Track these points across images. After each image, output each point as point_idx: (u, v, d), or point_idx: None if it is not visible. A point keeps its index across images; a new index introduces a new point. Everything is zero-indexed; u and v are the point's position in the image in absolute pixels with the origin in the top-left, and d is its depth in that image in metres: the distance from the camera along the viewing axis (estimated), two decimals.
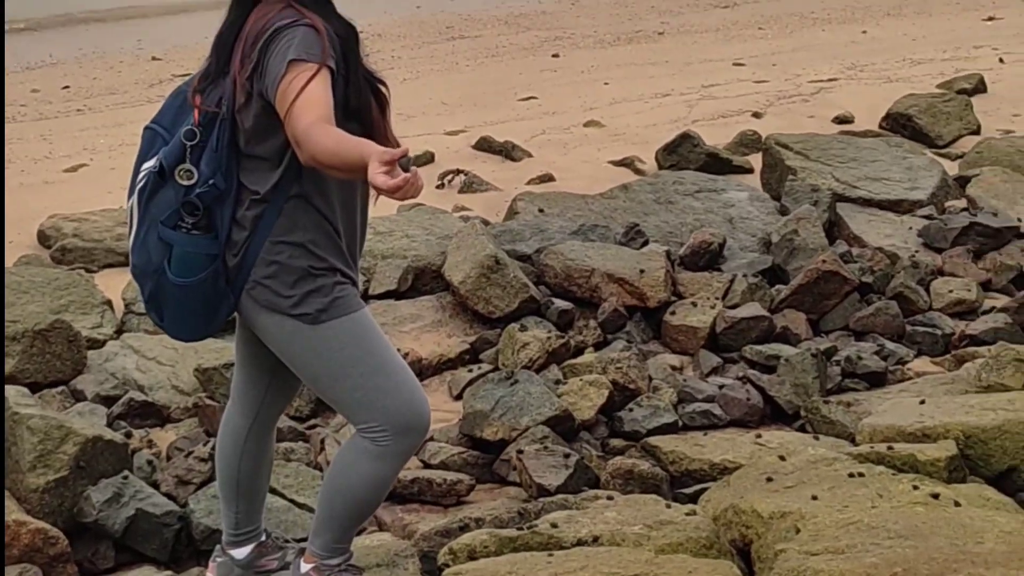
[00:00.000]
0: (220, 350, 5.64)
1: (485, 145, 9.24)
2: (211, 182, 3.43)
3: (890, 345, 6.03)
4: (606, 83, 11.78)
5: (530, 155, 9.09)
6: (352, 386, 3.50)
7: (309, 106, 3.26)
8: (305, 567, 3.68)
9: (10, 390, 4.81)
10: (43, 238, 7.21)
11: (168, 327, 3.61)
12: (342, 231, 3.54)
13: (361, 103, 3.49)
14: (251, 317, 3.54)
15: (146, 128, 3.59)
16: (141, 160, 3.54)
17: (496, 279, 6.13)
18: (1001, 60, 12.24)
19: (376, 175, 3.06)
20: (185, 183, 3.43)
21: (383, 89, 3.60)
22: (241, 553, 3.85)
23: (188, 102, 3.50)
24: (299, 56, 3.31)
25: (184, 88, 3.58)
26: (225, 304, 3.53)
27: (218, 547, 3.90)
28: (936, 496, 3.96)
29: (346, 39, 3.48)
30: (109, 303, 6.13)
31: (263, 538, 3.88)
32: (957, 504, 3.92)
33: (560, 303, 6.20)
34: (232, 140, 3.45)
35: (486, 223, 7.14)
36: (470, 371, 5.75)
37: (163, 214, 3.45)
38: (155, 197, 3.47)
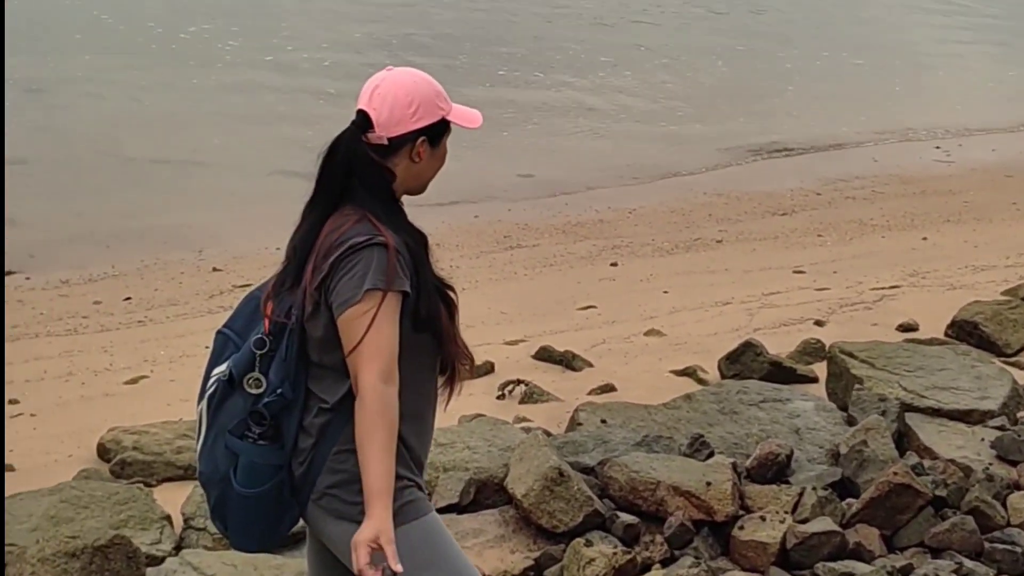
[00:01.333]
0: (279, 566, 5.54)
1: (545, 355, 9.21)
2: (279, 391, 3.42)
3: (968, 563, 5.82)
4: (665, 291, 11.79)
5: (591, 365, 9.04)
6: None
7: (376, 353, 3.35)
8: None
9: None
10: (103, 451, 7.18)
11: (232, 536, 3.57)
12: (412, 442, 3.52)
13: (431, 312, 3.52)
14: (320, 527, 3.49)
15: (218, 332, 3.61)
16: (213, 364, 3.54)
17: (560, 492, 6.02)
18: None
19: (362, 555, 3.23)
20: (254, 392, 3.43)
21: (452, 295, 3.61)
22: None
23: (260, 309, 3.51)
24: (375, 285, 3.37)
25: (257, 293, 3.59)
26: (289, 514, 3.49)
27: None
28: None
29: (416, 250, 3.52)
30: (168, 518, 6.06)
31: None
32: None
33: (626, 517, 6.07)
34: (301, 350, 3.45)
35: (548, 434, 7.06)
36: None
37: (231, 422, 3.43)
38: (224, 405, 3.46)
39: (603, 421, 7.40)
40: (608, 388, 8.52)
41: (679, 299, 11.43)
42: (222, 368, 3.48)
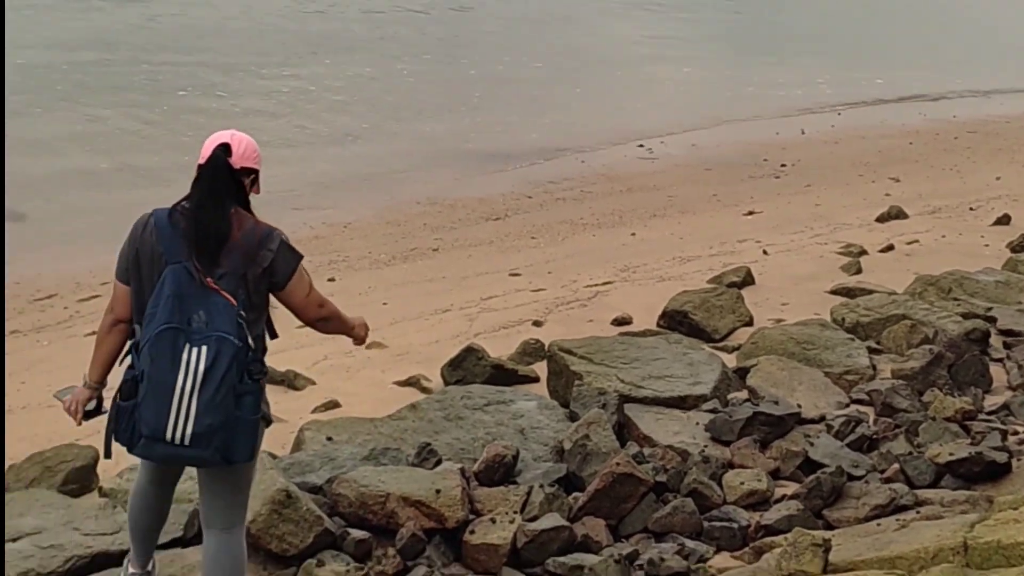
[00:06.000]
0: None
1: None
2: (256, 345, 4.73)
3: (690, 543, 6.00)
4: (385, 303, 11.77)
5: (313, 383, 8.93)
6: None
7: (317, 294, 5.02)
8: None
9: None
10: None
11: (237, 457, 4.68)
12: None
13: None
14: None
15: (167, 329, 4.55)
16: (172, 352, 4.53)
17: (288, 514, 5.90)
18: (765, 252, 12.73)
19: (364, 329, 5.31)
20: (246, 352, 4.63)
21: None
22: None
23: (198, 290, 4.62)
24: (299, 257, 4.90)
25: (177, 292, 4.61)
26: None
27: None
28: None
29: None
30: None
31: None
32: None
33: (356, 533, 6.00)
34: (248, 314, 4.71)
35: (273, 456, 6.92)
36: None
37: (238, 376, 4.59)
38: (232, 365, 4.56)
39: (329, 438, 7.30)
40: (333, 404, 8.42)
41: (399, 310, 11.43)
42: (197, 348, 4.53)
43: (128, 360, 4.77)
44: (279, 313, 5.01)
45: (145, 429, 4.58)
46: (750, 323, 9.89)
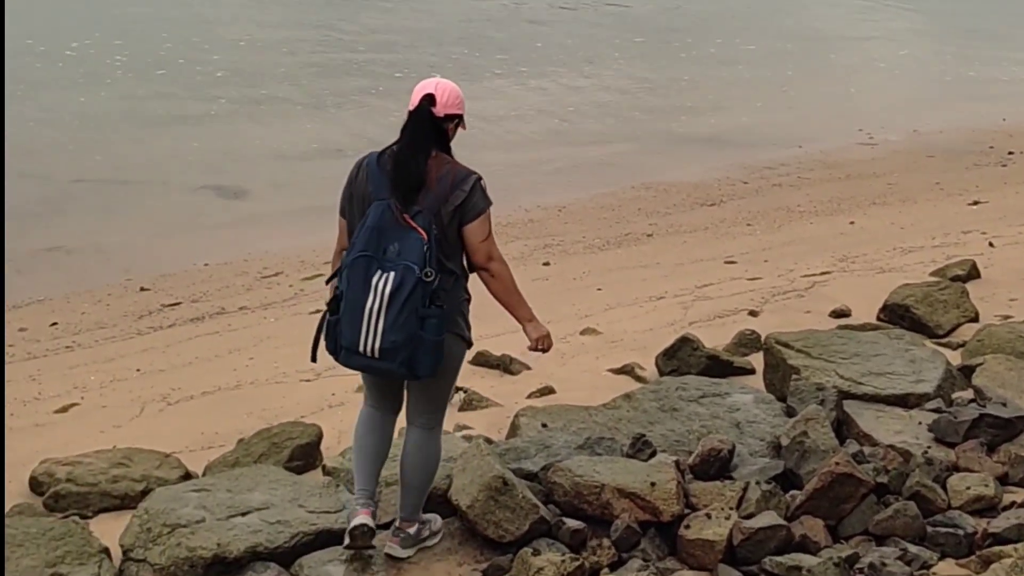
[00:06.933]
0: None
1: (482, 360, 9.16)
2: (440, 275, 5.37)
3: (913, 549, 5.83)
4: (599, 288, 11.79)
5: (528, 368, 9.00)
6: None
7: (494, 242, 5.59)
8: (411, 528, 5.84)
9: None
10: (35, 485, 7.01)
11: (421, 374, 5.41)
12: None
13: None
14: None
15: (360, 257, 5.32)
16: (364, 277, 5.29)
17: (505, 501, 5.97)
18: (991, 244, 12.30)
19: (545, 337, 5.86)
20: (427, 279, 5.30)
21: None
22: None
23: (395, 224, 5.33)
24: (489, 202, 5.54)
25: (376, 225, 5.34)
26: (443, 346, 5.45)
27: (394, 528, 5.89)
28: None
29: None
30: (107, 551, 5.93)
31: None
32: None
33: (572, 523, 6.02)
34: (440, 246, 5.37)
35: (489, 441, 7.00)
36: None
37: (421, 302, 5.28)
38: (414, 291, 5.25)
39: (544, 425, 7.35)
40: (547, 391, 8.48)
41: (613, 296, 11.43)
42: (386, 275, 5.25)
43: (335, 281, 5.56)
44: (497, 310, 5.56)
45: (344, 341, 5.38)
46: (975, 319, 9.57)
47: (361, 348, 5.32)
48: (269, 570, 5.76)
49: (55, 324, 11.82)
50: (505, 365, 9.02)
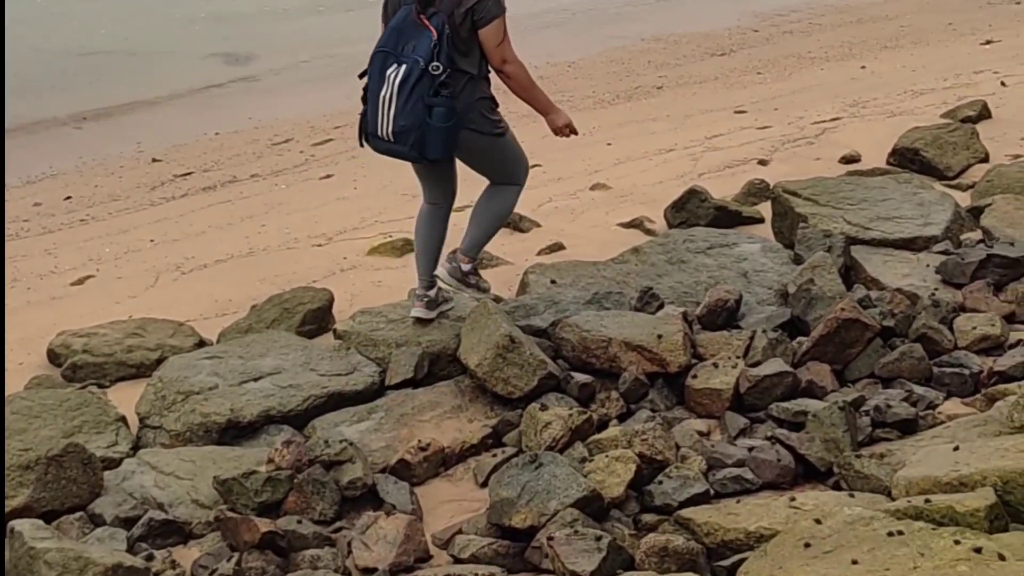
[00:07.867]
0: (239, 458, 5.56)
1: None
2: (449, 69, 5.96)
3: (919, 390, 5.89)
4: (609, 143, 11.72)
5: (538, 225, 9.00)
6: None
7: (510, 44, 6.11)
8: (461, 263, 6.51)
9: (24, 523, 4.71)
10: (53, 356, 7.12)
11: (430, 154, 6.05)
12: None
13: None
14: (466, 141, 6.16)
15: (378, 52, 6.03)
16: (381, 70, 5.99)
17: (513, 359, 6.04)
18: (1003, 83, 12.15)
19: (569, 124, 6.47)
20: (435, 73, 5.92)
21: None
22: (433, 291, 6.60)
23: (413, 24, 5.95)
24: (502, 8, 6.06)
25: (397, 26, 6.02)
26: (456, 135, 6.06)
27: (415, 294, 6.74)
28: (979, 550, 3.82)
29: None
30: (123, 419, 6.05)
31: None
32: (1001, 557, 3.77)
33: (580, 377, 6.10)
34: (453, 45, 5.97)
35: (498, 299, 7.06)
36: (494, 456, 5.65)
37: (427, 91, 5.91)
38: (420, 81, 5.90)
39: (552, 281, 7.39)
40: (557, 247, 8.50)
41: (623, 150, 11.37)
42: (397, 67, 5.91)
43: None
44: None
45: (368, 127, 6.12)
46: (985, 159, 9.50)
47: (380, 132, 6.03)
48: (282, 432, 5.86)
49: (69, 198, 11.86)
50: (515, 223, 9.02)
